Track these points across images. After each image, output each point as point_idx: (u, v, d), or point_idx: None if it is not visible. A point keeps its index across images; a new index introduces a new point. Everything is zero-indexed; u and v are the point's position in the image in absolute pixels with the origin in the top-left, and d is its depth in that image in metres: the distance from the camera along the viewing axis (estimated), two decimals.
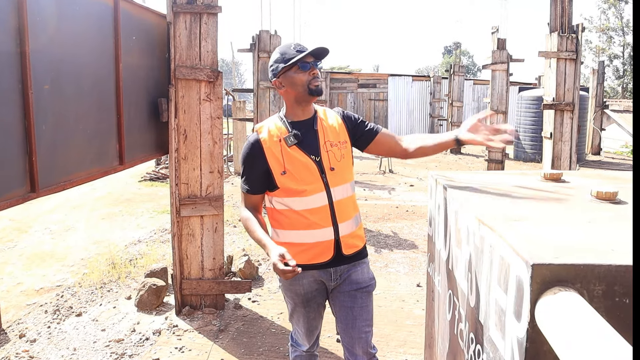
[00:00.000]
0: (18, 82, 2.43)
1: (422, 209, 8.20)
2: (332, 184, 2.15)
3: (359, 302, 2.24)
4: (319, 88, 2.15)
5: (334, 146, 2.18)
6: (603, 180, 2.27)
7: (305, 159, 2.13)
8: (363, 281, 2.26)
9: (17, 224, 7.37)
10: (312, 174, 2.13)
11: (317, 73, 2.14)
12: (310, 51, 2.10)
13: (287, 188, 2.13)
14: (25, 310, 4.40)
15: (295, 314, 2.35)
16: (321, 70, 2.22)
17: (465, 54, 62.34)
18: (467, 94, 22.38)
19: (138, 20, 3.73)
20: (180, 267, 4.13)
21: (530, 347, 1.16)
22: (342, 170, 2.19)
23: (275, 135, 2.15)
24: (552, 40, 6.08)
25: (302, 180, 2.11)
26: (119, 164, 3.51)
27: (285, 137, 2.14)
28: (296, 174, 2.11)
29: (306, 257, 2.16)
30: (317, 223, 2.14)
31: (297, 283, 2.24)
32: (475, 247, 1.59)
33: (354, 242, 2.23)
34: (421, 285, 4.85)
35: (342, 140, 2.21)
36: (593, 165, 14.22)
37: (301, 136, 2.15)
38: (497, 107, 10.19)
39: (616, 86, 37.17)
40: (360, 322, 2.24)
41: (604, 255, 1.17)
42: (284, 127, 2.17)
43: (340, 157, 2.18)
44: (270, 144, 2.14)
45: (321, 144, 2.16)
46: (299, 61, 2.08)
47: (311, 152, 2.15)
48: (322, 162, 2.14)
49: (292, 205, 2.15)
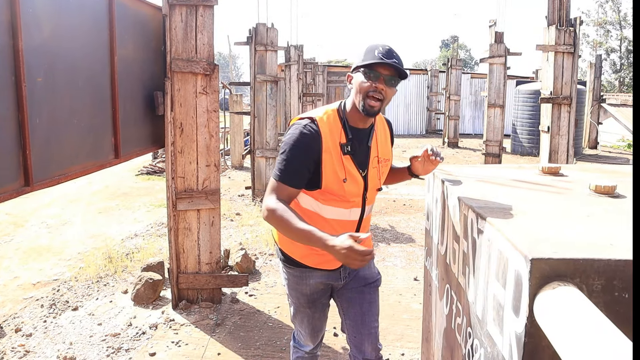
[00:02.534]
0: (11, 74, 2.40)
1: (419, 203, 8.20)
2: (368, 202, 2.09)
3: (367, 298, 2.22)
4: (374, 109, 1.89)
5: (381, 163, 2.09)
6: (601, 174, 2.26)
7: (356, 172, 2.00)
8: (371, 277, 2.25)
9: (13, 218, 7.34)
10: (358, 189, 2.02)
11: (381, 88, 1.86)
12: (387, 62, 1.83)
13: (330, 193, 1.97)
14: (22, 304, 4.38)
15: (299, 314, 2.31)
16: (393, 87, 1.92)
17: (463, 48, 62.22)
18: (465, 88, 22.34)
19: (133, 13, 3.69)
20: (177, 261, 4.11)
21: (529, 342, 1.15)
22: (376, 188, 2.13)
23: (335, 135, 1.95)
24: (550, 34, 6.06)
25: (349, 193, 1.99)
26: (114, 157, 3.48)
27: (343, 143, 1.95)
28: (349, 186, 1.98)
29: (318, 261, 2.11)
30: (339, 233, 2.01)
31: (303, 283, 2.19)
32: (473, 241, 1.58)
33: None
34: (418, 279, 4.85)
35: (387, 158, 2.13)
36: (590, 159, 14.24)
37: (355, 146, 1.98)
38: (494, 100, 10.17)
39: (613, 80, 37.20)
40: (368, 317, 2.21)
41: (603, 250, 1.16)
42: (343, 130, 1.97)
43: (381, 175, 2.11)
44: (330, 142, 1.93)
45: (371, 159, 2.05)
46: (369, 67, 1.86)
47: (360, 165, 2.02)
48: (367, 178, 2.04)
49: (324, 212, 2.02)
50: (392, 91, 1.90)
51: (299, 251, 2.12)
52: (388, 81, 1.87)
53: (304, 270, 2.15)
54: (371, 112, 1.89)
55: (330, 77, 22.35)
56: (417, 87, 23.05)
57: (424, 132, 23.13)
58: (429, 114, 22.95)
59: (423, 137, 21.54)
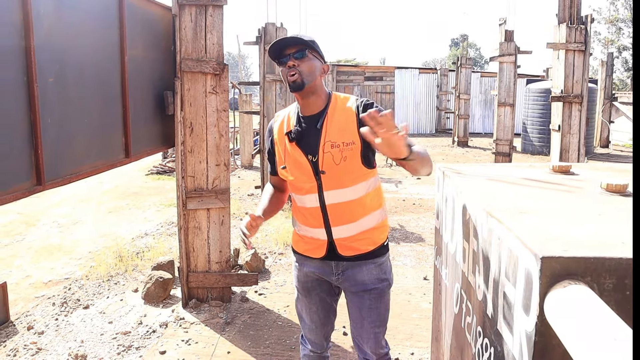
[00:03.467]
0: (23, 74, 2.42)
1: (428, 202, 8.17)
2: (325, 187, 2.02)
3: (366, 304, 2.17)
4: (297, 82, 1.94)
5: (336, 147, 1.97)
6: (612, 172, 2.24)
7: (302, 158, 2.02)
8: (370, 282, 2.17)
9: (25, 217, 7.42)
10: (306, 175, 2.03)
11: (291, 64, 1.94)
12: (274, 43, 1.95)
13: (287, 181, 2.16)
14: (34, 302, 4.42)
15: (299, 302, 2.33)
16: (300, 58, 1.96)
17: (473, 46, 61.93)
18: (475, 87, 22.24)
19: (143, 13, 3.71)
20: (187, 260, 4.13)
21: (539, 341, 1.14)
22: (341, 174, 1.99)
23: (284, 126, 2.10)
24: (561, 32, 6.01)
25: (297, 179, 2.07)
26: (124, 157, 3.50)
27: (287, 131, 2.07)
28: (292, 171, 2.07)
29: (303, 248, 2.21)
30: (311, 222, 2.12)
31: (299, 269, 2.26)
32: (483, 239, 1.57)
33: (355, 246, 2.12)
34: (428, 278, 4.83)
35: (347, 142, 1.97)
36: (601, 158, 14.11)
37: (302, 133, 2.03)
38: (504, 99, 10.11)
39: (625, 78, 36.83)
40: (368, 323, 2.19)
41: (614, 248, 1.15)
42: (293, 120, 2.08)
43: (340, 160, 1.97)
44: (278, 135, 2.12)
45: (321, 144, 1.99)
46: (273, 56, 2.00)
47: (309, 151, 2.02)
48: (318, 163, 2.00)
49: (295, 199, 2.18)
50: (303, 62, 1.96)
51: (295, 237, 2.27)
52: (293, 56, 1.95)
53: (300, 257, 2.25)
54: (294, 86, 1.96)
55: (340, 76, 22.34)
56: (426, 86, 22.98)
57: (433, 131, 23.05)
58: (438, 113, 22.86)
59: (433, 137, 21.46)
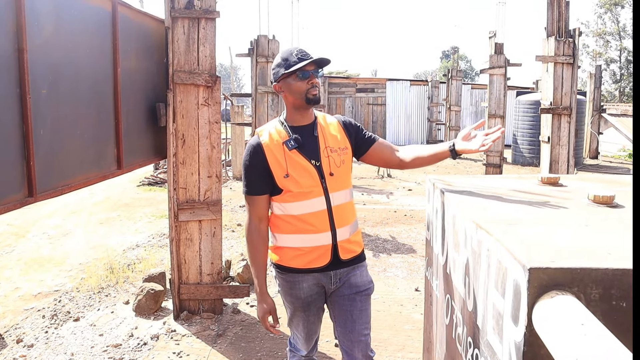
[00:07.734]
0: (16, 86, 2.43)
1: (420, 213, 8.20)
2: (331, 189, 2.16)
3: (358, 306, 2.24)
4: (317, 97, 2.15)
5: (334, 152, 2.19)
6: (600, 184, 2.27)
7: (306, 163, 2.14)
8: (362, 284, 2.27)
9: (15, 229, 7.36)
10: (313, 178, 2.14)
11: (316, 82, 2.14)
12: (311, 60, 2.09)
13: (288, 191, 2.14)
14: (23, 315, 4.38)
15: (295, 318, 2.34)
16: (321, 77, 2.24)
17: (463, 59, 62.45)
18: (465, 98, 22.41)
19: (136, 25, 3.74)
20: (179, 272, 4.12)
21: (528, 351, 1.16)
22: (342, 176, 2.20)
23: (276, 138, 2.16)
24: (549, 45, 6.10)
25: (303, 184, 2.12)
26: (117, 168, 3.50)
27: (285, 140, 2.15)
28: (298, 178, 2.12)
29: (304, 261, 2.18)
30: (316, 227, 2.14)
31: (297, 287, 2.23)
32: (473, 251, 1.59)
33: (351, 248, 2.24)
34: (419, 289, 4.84)
35: (342, 147, 2.22)
36: (591, 169, 14.25)
37: (300, 141, 2.15)
38: (494, 111, 10.21)
39: (613, 90, 37.30)
40: (359, 325, 2.24)
41: (600, 259, 1.17)
42: (284, 131, 2.18)
43: (340, 163, 2.19)
44: (271, 146, 2.15)
45: (321, 149, 2.17)
46: (299, 70, 2.09)
47: (311, 156, 2.15)
48: (322, 167, 2.15)
49: (291, 210, 2.16)
50: (319, 80, 2.21)
51: (287, 255, 2.21)
52: (317, 74, 2.16)
53: (295, 275, 2.22)
54: (316, 99, 2.15)
55: (332, 88, 22.45)
56: (417, 98, 23.12)
57: (424, 143, 23.18)
58: (429, 125, 22.99)
59: None
